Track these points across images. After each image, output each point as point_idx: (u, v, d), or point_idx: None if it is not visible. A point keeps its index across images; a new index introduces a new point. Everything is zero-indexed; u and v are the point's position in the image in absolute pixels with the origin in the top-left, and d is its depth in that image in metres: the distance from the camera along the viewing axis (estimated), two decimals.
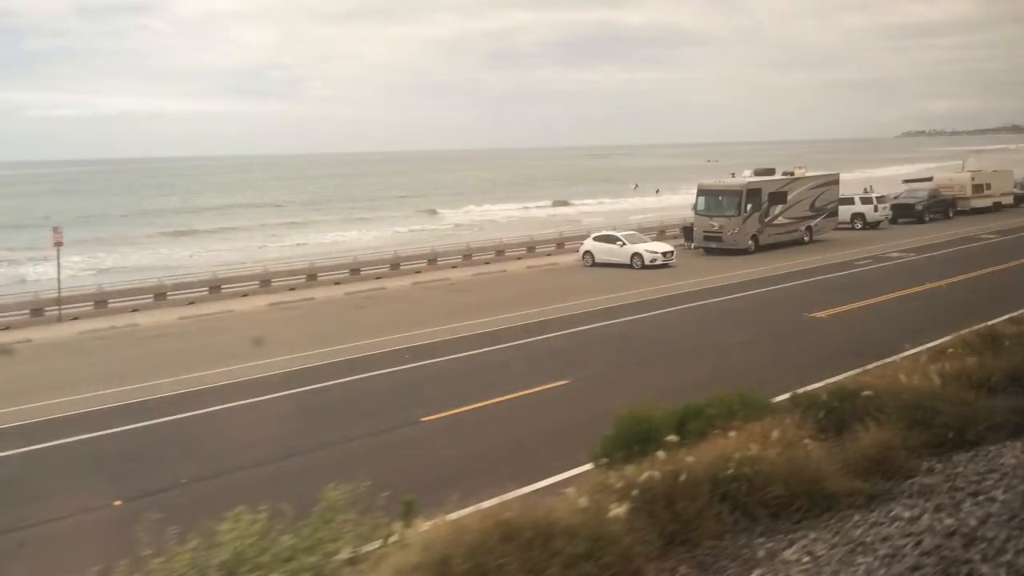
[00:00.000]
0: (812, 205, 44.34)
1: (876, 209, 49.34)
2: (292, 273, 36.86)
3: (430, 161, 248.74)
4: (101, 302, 31.35)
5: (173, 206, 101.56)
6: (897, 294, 28.18)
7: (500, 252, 42.73)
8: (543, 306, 27.96)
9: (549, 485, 10.58)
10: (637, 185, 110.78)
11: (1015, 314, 18.72)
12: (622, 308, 27.81)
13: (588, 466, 9.02)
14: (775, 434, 7.82)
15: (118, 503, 12.87)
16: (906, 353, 13.51)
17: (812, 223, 44.32)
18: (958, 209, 53.24)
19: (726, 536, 6.60)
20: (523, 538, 5.67)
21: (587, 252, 39.13)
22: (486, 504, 6.48)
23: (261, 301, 32.55)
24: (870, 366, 12.75)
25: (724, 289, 30.72)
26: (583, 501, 6.38)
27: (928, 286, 28.87)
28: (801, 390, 10.63)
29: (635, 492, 6.59)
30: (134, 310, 31.27)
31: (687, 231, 43.66)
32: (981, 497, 6.57)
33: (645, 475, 6.80)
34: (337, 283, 35.98)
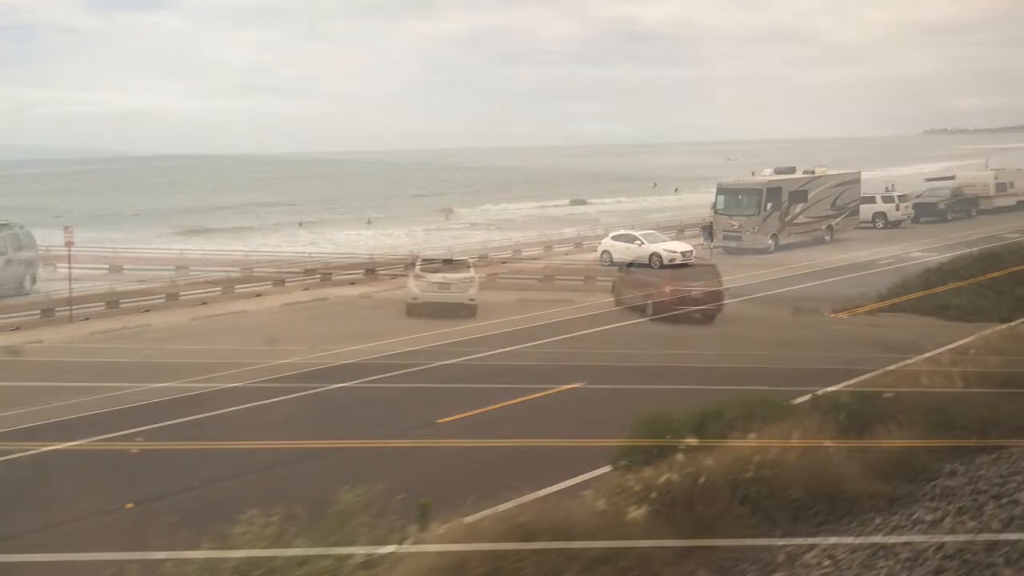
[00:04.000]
0: (833, 204, 44.06)
1: (898, 208, 48.99)
2: (306, 273, 36.81)
3: (445, 158, 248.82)
4: (113, 302, 31.37)
5: (186, 204, 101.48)
6: (919, 294, 27.94)
7: (517, 252, 42.65)
8: (562, 306, 27.87)
9: (567, 487, 10.50)
10: (656, 184, 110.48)
11: None
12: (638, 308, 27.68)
13: (606, 468, 8.95)
14: (795, 436, 7.74)
15: (129, 506, 12.85)
16: (928, 354, 13.39)
17: (833, 222, 44.05)
18: (981, 208, 52.80)
19: (746, 539, 6.53)
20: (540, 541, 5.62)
21: (605, 251, 39.01)
22: (503, 507, 6.42)
23: (275, 301, 32.52)
24: (892, 367, 12.64)
25: (743, 289, 30.51)
26: (601, 504, 6.33)
27: (951, 285, 28.62)
28: (821, 391, 10.52)
29: (653, 495, 6.54)
30: (146, 310, 31.28)
31: (706, 230, 43.48)
32: (1004, 500, 6.48)
33: (664, 478, 6.75)
34: (352, 283, 35.95)
